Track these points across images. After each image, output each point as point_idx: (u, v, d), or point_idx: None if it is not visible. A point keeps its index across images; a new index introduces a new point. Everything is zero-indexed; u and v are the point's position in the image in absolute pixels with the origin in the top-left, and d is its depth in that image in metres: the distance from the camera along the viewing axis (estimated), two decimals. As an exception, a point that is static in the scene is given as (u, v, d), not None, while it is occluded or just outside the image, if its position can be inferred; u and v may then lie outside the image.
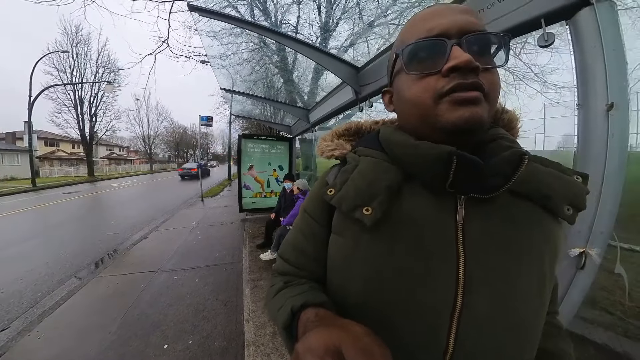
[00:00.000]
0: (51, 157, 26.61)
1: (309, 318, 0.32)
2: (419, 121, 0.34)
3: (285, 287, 0.42)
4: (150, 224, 5.09)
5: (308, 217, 0.44)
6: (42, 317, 2.04)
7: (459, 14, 0.31)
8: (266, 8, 5.02)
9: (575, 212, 0.33)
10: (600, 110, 0.75)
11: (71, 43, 19.57)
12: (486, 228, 0.32)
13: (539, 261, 0.33)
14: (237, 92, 4.69)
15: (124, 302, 2.23)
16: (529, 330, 0.33)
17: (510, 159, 0.31)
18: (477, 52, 0.30)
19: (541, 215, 0.33)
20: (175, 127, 53.34)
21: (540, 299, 0.33)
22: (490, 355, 0.31)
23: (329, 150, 0.46)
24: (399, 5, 4.11)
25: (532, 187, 0.33)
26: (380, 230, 0.34)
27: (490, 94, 0.31)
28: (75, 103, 20.18)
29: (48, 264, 3.23)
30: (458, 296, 0.31)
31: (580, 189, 0.34)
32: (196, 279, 2.66)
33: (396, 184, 0.35)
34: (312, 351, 0.22)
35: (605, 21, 0.75)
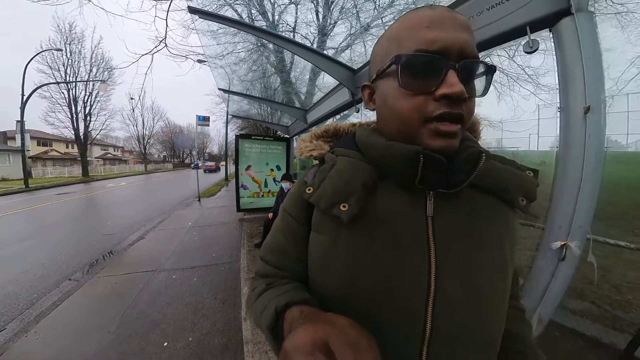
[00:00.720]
0: (44, 157, 26.16)
1: (294, 316, 0.32)
2: (399, 132, 0.36)
3: (268, 288, 0.42)
4: (147, 224, 5.07)
5: (288, 217, 0.44)
6: (39, 318, 2.03)
7: (461, 30, 0.31)
8: (263, 8, 5.03)
9: (529, 203, 0.37)
10: (579, 113, 0.81)
11: (65, 41, 19.33)
12: (453, 219, 0.36)
13: (500, 247, 0.36)
14: (235, 93, 4.70)
15: (123, 301, 2.24)
16: (496, 309, 0.36)
17: (470, 157, 0.35)
18: (467, 79, 0.32)
19: (500, 206, 0.38)
20: (171, 127, 52.90)
21: (504, 280, 0.37)
22: (463, 332, 0.34)
23: (308, 151, 0.47)
24: (396, 7, 4.17)
25: (492, 182, 0.37)
26: (357, 226, 0.36)
27: (466, 120, 0.33)
28: (69, 102, 19.90)
29: (44, 265, 3.20)
30: (431, 282, 0.33)
31: (532, 183, 0.39)
32: (194, 279, 2.67)
33: (371, 181, 0.38)
34: (300, 348, 0.22)
35: (584, 30, 0.80)
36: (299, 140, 0.52)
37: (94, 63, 20.84)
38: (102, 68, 21.34)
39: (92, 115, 21.45)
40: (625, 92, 6.33)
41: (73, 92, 20.03)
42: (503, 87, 4.67)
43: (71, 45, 19.54)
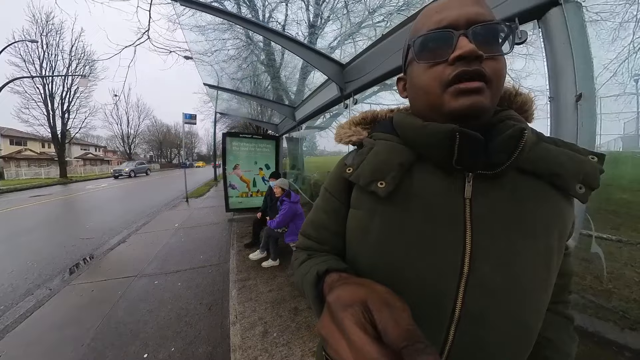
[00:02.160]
0: (18, 157, 24.57)
1: (334, 279, 0.34)
2: (428, 107, 0.37)
3: (309, 258, 0.45)
4: (130, 227, 4.83)
5: (329, 195, 0.48)
6: (4, 333, 1.85)
7: (468, 5, 0.33)
8: (253, 4, 4.92)
9: (588, 191, 0.34)
10: (570, 102, 0.80)
11: (41, 32, 18.09)
12: (492, 202, 0.35)
13: (546, 235, 0.34)
14: (221, 88, 4.55)
15: (100, 311, 2.09)
16: (533, 299, 0.34)
17: (512, 135, 0.33)
18: (483, 41, 0.32)
19: (549, 192, 0.35)
20: (158, 126, 51.15)
21: (546, 271, 0.34)
22: (494, 318, 0.33)
23: (347, 137, 0.49)
24: (386, 8, 4.18)
25: (541, 165, 0.35)
26: (393, 202, 0.38)
27: (494, 81, 0.32)
28: (45, 98, 18.64)
29: (13, 273, 2.96)
30: (465, 263, 0.33)
31: (593, 168, 0.35)
32: (179, 283, 2.54)
33: (407, 162, 0.39)
34: (341, 301, 0.25)
35: (572, 19, 0.81)
36: (337, 128, 0.52)
37: (73, 57, 19.68)
38: (82, 62, 20.21)
39: (71, 112, 20.26)
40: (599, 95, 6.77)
41: (49, 88, 18.78)
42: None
43: (48, 36, 18.35)
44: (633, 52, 3.92)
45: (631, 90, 5.07)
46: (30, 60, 17.93)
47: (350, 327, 0.22)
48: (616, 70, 4.49)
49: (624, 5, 3.65)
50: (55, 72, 18.86)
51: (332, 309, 0.25)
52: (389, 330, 0.22)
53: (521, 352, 0.35)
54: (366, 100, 4.59)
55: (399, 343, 0.21)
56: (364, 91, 2.10)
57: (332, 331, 0.24)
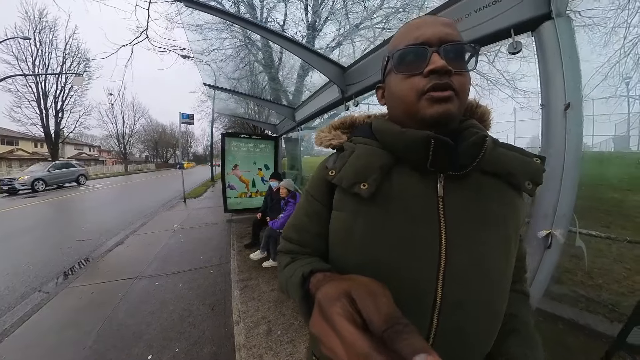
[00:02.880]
0: (9, 157, 24.04)
1: (319, 279, 0.35)
2: (405, 113, 0.41)
3: (293, 261, 0.46)
4: (127, 228, 4.79)
5: (311, 199, 0.49)
6: (2, 337, 1.83)
7: (441, 26, 0.38)
8: (252, 4, 4.90)
9: (534, 187, 0.41)
10: (559, 110, 0.86)
11: (34, 29, 17.70)
12: (461, 199, 0.40)
13: (504, 225, 0.40)
14: (222, 89, 4.53)
15: (100, 313, 2.08)
16: (498, 282, 0.40)
17: (475, 141, 0.38)
18: (452, 58, 0.37)
19: (506, 189, 0.41)
20: (153, 125, 50.55)
21: (506, 257, 0.40)
22: (470, 302, 0.37)
23: (327, 140, 0.52)
24: (385, 10, 4.22)
25: (499, 167, 0.41)
26: (375, 203, 0.41)
27: (460, 93, 0.37)
28: (38, 96, 18.29)
29: (8, 276, 2.92)
30: (442, 254, 0.37)
31: (538, 168, 0.42)
32: (180, 284, 2.54)
33: (387, 165, 0.42)
34: (329, 296, 0.26)
35: (563, 33, 0.86)
36: (318, 131, 0.55)
37: (67, 55, 19.31)
38: (77, 60, 19.84)
39: (65, 111, 19.91)
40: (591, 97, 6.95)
41: (42, 86, 18.42)
42: (483, 90, 4.92)
43: (41, 34, 17.97)
44: (624, 56, 4.03)
45: (622, 92, 5.21)
46: (22, 58, 17.63)
47: (339, 322, 0.23)
48: (607, 74, 4.62)
49: (615, 10, 3.76)
50: (49, 70, 18.50)
51: (322, 305, 0.26)
52: (371, 318, 0.23)
53: (494, 329, 0.40)
54: (364, 101, 4.63)
55: (382, 327, 0.22)
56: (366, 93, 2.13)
57: (324, 329, 0.24)
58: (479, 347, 0.40)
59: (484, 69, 4.48)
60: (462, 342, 0.38)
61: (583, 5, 3.32)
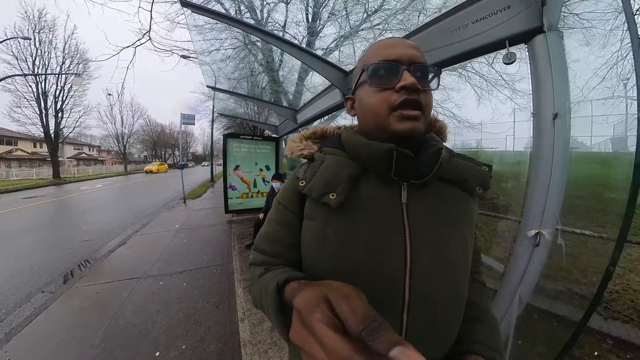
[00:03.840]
0: (8, 157, 24.01)
1: (294, 287, 0.36)
2: (375, 125, 0.44)
3: (266, 272, 0.46)
4: (129, 228, 4.82)
5: (282, 208, 0.50)
6: (10, 336, 1.87)
7: (410, 48, 0.43)
8: (252, 5, 4.93)
9: (484, 191, 0.47)
10: (549, 119, 0.91)
11: (33, 29, 17.64)
12: (423, 205, 0.44)
13: (461, 226, 0.45)
14: (225, 91, 4.56)
15: (106, 312, 2.12)
16: (460, 276, 0.44)
17: (433, 153, 0.42)
18: (419, 77, 0.41)
19: (461, 194, 0.46)
20: (152, 125, 50.44)
21: (465, 253, 0.45)
22: (436, 298, 0.41)
23: (299, 150, 0.53)
24: (384, 12, 4.26)
25: (454, 175, 0.46)
26: (344, 212, 0.43)
27: (426, 109, 0.41)
28: (38, 96, 18.22)
29: (12, 276, 2.95)
30: (407, 257, 0.40)
31: (486, 175, 0.48)
32: (184, 284, 2.58)
33: (355, 175, 0.45)
34: (308, 302, 0.26)
35: (554, 46, 0.91)
36: (289, 141, 0.57)
37: (67, 54, 19.25)
38: (76, 60, 19.79)
39: (64, 111, 19.83)
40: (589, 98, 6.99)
41: (42, 86, 18.36)
42: (482, 91, 4.96)
43: (40, 34, 17.92)
44: (621, 58, 4.08)
45: (620, 93, 5.25)
46: (22, 58, 17.54)
47: (320, 329, 0.23)
48: (605, 76, 4.68)
49: (613, 12, 3.80)
50: (49, 70, 18.45)
51: (301, 312, 0.26)
52: (348, 320, 0.23)
53: (459, 319, 0.44)
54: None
55: (358, 327, 0.22)
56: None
57: (304, 337, 0.24)
58: (447, 338, 0.43)
59: (483, 70, 4.52)
60: (432, 335, 0.41)
61: (581, 8, 3.37)
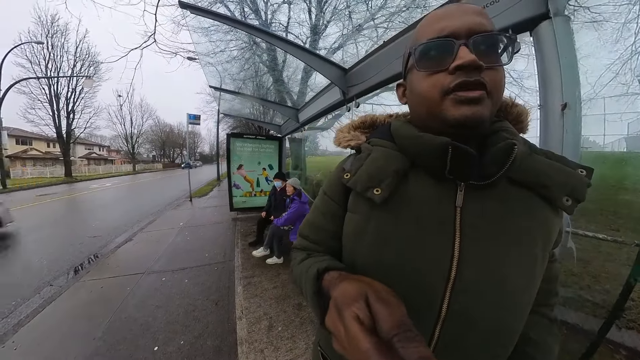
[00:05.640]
0: (23, 157, 24.91)
1: (333, 277, 0.35)
2: (427, 113, 0.37)
3: (308, 257, 0.47)
4: (135, 225, 4.92)
5: (327, 199, 0.49)
6: (18, 327, 1.93)
7: (470, 14, 0.33)
8: (256, 6, 4.97)
9: (575, 203, 0.35)
10: (557, 110, 0.85)
11: (46, 34, 18.31)
12: (482, 210, 0.36)
13: (530, 243, 0.36)
14: (228, 91, 4.62)
15: (110, 306, 2.17)
16: (515, 303, 0.36)
17: (503, 149, 0.34)
18: (484, 51, 0.32)
19: (537, 203, 0.36)
20: (160, 126, 51.51)
21: (530, 278, 0.36)
22: (477, 320, 0.35)
23: (346, 141, 0.50)
24: (387, 10, 4.22)
25: (531, 177, 0.36)
26: (387, 208, 0.39)
27: (494, 92, 0.33)
28: (51, 98, 18.91)
29: (23, 270, 3.06)
30: (452, 268, 0.35)
31: (581, 182, 0.36)
32: (186, 280, 2.62)
33: (403, 170, 0.40)
34: (348, 296, 0.27)
35: (560, 33, 0.85)
36: (337, 131, 0.53)
37: (78, 58, 19.92)
38: (87, 63, 20.45)
39: (76, 112, 20.49)
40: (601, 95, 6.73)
41: (55, 88, 19.03)
42: (489, 88, 4.85)
43: (53, 38, 18.58)
44: (635, 53, 3.89)
45: (634, 90, 5.02)
46: (36, 62, 18.19)
47: (349, 321, 0.24)
48: (619, 71, 4.48)
49: (627, 5, 3.63)
50: (61, 73, 19.09)
51: (339, 303, 0.27)
52: (383, 321, 0.24)
53: (501, 351, 0.37)
54: (368, 101, 4.64)
55: (391, 332, 0.22)
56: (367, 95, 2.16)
57: (338, 325, 0.25)
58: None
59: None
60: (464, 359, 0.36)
61: (592, 1, 3.24)
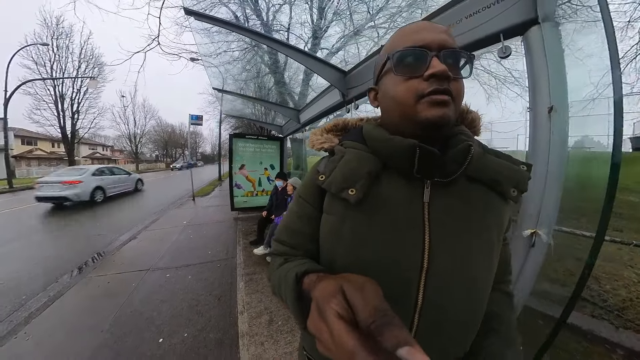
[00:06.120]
0: (29, 157, 25.24)
1: (312, 279, 0.36)
2: (401, 116, 0.40)
3: (286, 262, 0.47)
4: (139, 224, 5.01)
5: (303, 201, 0.50)
6: (29, 319, 2.01)
7: (440, 32, 0.39)
8: (258, 7, 5.03)
9: (519, 194, 0.42)
10: (544, 113, 0.88)
11: (51, 35, 18.56)
12: (447, 205, 0.41)
13: (487, 230, 0.41)
14: (230, 92, 4.69)
15: (116, 300, 2.24)
16: (480, 287, 0.41)
17: (462, 149, 0.39)
18: (450, 64, 0.38)
19: (491, 196, 0.42)
20: (163, 126, 51.85)
21: (489, 262, 0.42)
22: (450, 306, 0.39)
23: (319, 143, 0.53)
24: (389, 10, 4.25)
25: (485, 174, 0.42)
26: (362, 208, 0.42)
27: (456, 99, 0.38)
28: (56, 99, 19.17)
29: (31, 266, 3.14)
30: (425, 258, 0.39)
31: (524, 176, 0.43)
32: (189, 276, 2.68)
33: (375, 171, 0.43)
34: (326, 293, 0.27)
35: (549, 38, 0.88)
36: (311, 134, 0.56)
37: (82, 59, 20.17)
38: (91, 64, 20.71)
39: (80, 113, 20.78)
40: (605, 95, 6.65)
41: (60, 89, 19.31)
42: (492, 89, 4.83)
43: (58, 40, 18.82)
44: (639, 52, 3.84)
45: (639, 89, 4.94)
46: (41, 63, 18.42)
47: (331, 320, 0.23)
48: (623, 70, 4.43)
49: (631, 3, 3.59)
50: (66, 74, 19.34)
51: (319, 303, 0.27)
52: (359, 311, 0.24)
53: (473, 329, 0.42)
54: (367, 102, 4.67)
55: (369, 319, 0.22)
56: (366, 97, 2.21)
57: (320, 326, 0.25)
58: (458, 346, 0.41)
59: (492, 67, 4.41)
60: (442, 341, 0.40)
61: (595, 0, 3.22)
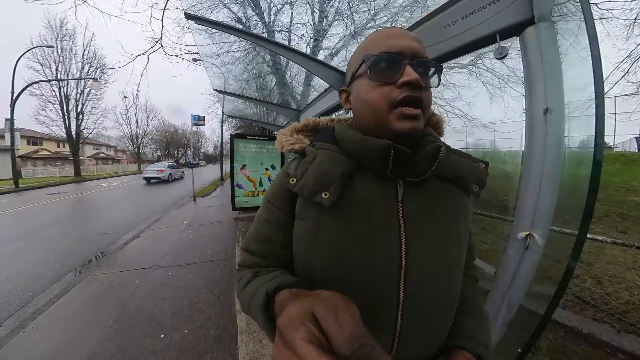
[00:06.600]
0: (34, 157, 25.58)
1: (284, 297, 0.34)
2: (373, 120, 0.42)
3: (255, 276, 0.43)
4: (142, 223, 5.08)
5: (272, 207, 0.47)
6: (36, 315, 2.07)
7: (413, 40, 0.40)
8: (259, 8, 5.07)
9: (480, 189, 0.46)
10: (540, 114, 0.88)
11: (56, 37, 18.88)
12: (419, 203, 0.42)
13: (455, 223, 0.44)
14: (231, 94, 4.73)
15: (119, 297, 2.29)
16: (455, 276, 0.44)
17: (432, 150, 0.41)
18: (421, 73, 0.39)
19: (457, 192, 0.45)
20: (165, 126, 52.31)
21: (460, 253, 0.45)
22: (430, 298, 0.41)
23: (289, 144, 0.50)
24: (391, 10, 4.26)
25: (452, 172, 0.45)
26: (337, 211, 0.41)
27: (426, 107, 0.40)
28: (61, 100, 19.49)
29: (37, 264, 3.21)
30: (402, 255, 0.40)
31: (483, 173, 0.47)
32: (190, 275, 2.73)
33: (348, 172, 0.43)
34: (291, 321, 0.23)
35: (545, 38, 0.88)
36: (279, 134, 0.53)
37: (85, 60, 20.48)
38: (94, 66, 20.99)
39: (84, 113, 21.06)
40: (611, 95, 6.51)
41: (64, 90, 19.63)
42: (495, 88, 4.78)
43: (62, 41, 19.14)
44: (646, 52, 3.75)
45: (645, 90, 4.81)
46: (47, 65, 18.75)
47: (301, 347, 0.21)
48: (628, 69, 4.35)
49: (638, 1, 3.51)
50: (70, 75, 19.62)
51: (283, 332, 0.23)
52: (334, 338, 0.21)
53: (450, 314, 0.44)
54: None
55: (346, 351, 0.20)
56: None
57: (288, 358, 0.21)
58: (441, 334, 0.43)
59: (495, 66, 4.36)
60: (426, 332, 0.41)
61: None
